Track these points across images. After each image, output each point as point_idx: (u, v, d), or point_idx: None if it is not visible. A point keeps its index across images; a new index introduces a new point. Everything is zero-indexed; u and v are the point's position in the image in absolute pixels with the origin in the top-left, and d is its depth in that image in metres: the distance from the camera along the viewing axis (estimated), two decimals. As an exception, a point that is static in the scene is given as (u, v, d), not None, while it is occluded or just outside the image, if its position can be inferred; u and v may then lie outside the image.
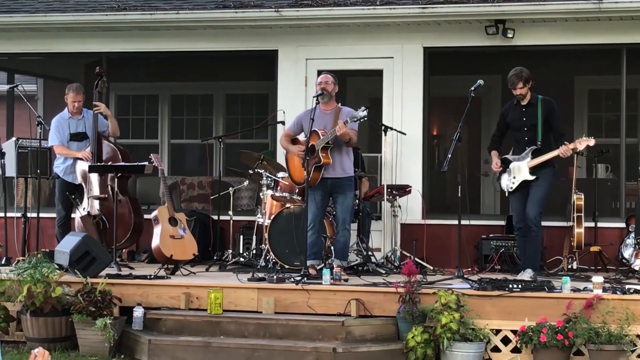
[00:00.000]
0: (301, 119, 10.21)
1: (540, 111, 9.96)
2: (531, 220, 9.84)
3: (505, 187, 10.13)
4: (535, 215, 9.85)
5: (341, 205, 10.04)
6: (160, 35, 12.53)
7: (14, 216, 11.82)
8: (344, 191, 10.04)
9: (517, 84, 9.93)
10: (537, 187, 9.94)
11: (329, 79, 10.08)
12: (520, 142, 10.10)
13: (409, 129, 11.75)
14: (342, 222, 10.03)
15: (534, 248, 10.02)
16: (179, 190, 13.60)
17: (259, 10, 11.88)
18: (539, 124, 9.95)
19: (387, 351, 8.64)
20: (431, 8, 11.38)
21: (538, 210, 9.88)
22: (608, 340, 8.19)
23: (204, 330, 9.02)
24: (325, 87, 10.02)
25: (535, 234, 9.91)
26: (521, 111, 10.08)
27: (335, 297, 9.09)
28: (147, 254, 11.68)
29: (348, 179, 10.10)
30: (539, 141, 9.94)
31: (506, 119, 10.23)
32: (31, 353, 4.48)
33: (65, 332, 9.22)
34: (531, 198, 9.92)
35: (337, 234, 10.08)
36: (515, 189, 10.02)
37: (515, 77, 9.94)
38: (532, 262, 9.99)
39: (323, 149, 9.89)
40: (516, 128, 10.14)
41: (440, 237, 11.61)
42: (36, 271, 9.23)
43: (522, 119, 10.06)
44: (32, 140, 11.52)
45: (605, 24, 11.38)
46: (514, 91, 10.00)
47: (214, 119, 15.66)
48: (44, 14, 12.48)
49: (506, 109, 10.30)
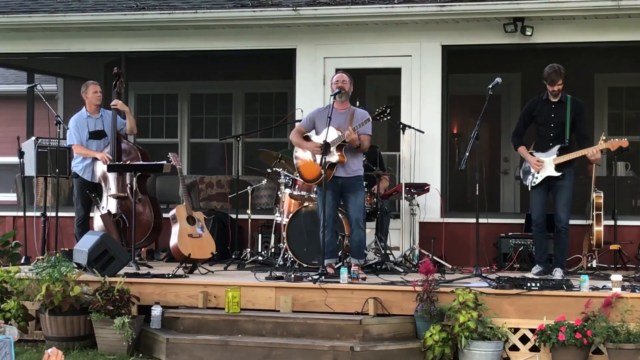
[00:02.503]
0: (315, 117, 10.16)
1: (569, 110, 9.94)
2: (563, 223, 9.93)
3: (528, 181, 10.10)
4: (567, 218, 9.95)
5: (353, 205, 10.01)
6: (179, 34, 12.55)
7: (33, 215, 11.87)
8: (355, 190, 10.01)
9: (557, 80, 9.90)
10: (565, 188, 9.96)
11: (345, 77, 10.06)
12: (545, 138, 10.08)
13: (427, 128, 11.72)
14: (355, 221, 10.00)
15: (563, 248, 10.08)
16: (198, 189, 13.61)
17: (276, 9, 11.88)
18: (567, 122, 9.93)
19: (405, 350, 8.63)
20: (449, 6, 11.35)
21: (569, 213, 9.99)
22: (627, 339, 8.16)
23: (222, 329, 9.04)
24: (343, 86, 10.00)
25: (565, 235, 9.99)
26: (550, 107, 10.05)
27: (352, 295, 9.09)
28: (166, 253, 11.69)
29: (358, 178, 10.08)
30: (567, 139, 9.92)
31: (532, 113, 10.19)
32: (45, 353, 4.50)
33: (83, 331, 9.25)
34: (562, 201, 9.95)
35: (352, 233, 10.05)
36: (538, 184, 10.00)
37: (555, 73, 9.91)
38: (562, 262, 10.03)
39: (338, 148, 9.88)
40: (543, 124, 10.11)
41: (459, 236, 11.57)
42: (55, 270, 9.28)
43: (551, 115, 10.03)
44: (51, 140, 11.55)
45: (625, 21, 11.31)
46: (552, 87, 9.93)
47: (233, 118, 15.68)
48: (63, 13, 12.51)
49: (534, 103, 10.24)
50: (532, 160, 10.06)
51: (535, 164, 10.02)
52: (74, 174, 11.24)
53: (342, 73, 10.17)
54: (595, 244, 10.62)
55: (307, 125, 10.21)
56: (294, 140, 10.28)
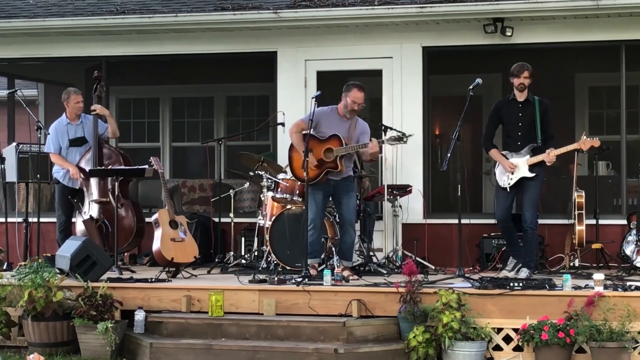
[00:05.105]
0: (320, 118, 9.91)
1: (538, 109, 9.95)
2: (529, 223, 9.93)
3: (503, 183, 10.09)
4: (533, 218, 9.94)
5: (347, 207, 10.02)
6: (160, 38, 12.52)
7: (15, 221, 11.83)
8: (348, 192, 10.03)
9: (522, 72, 9.90)
10: (533, 187, 9.97)
11: (363, 100, 9.93)
12: (514, 138, 10.09)
13: (409, 129, 11.66)
14: (349, 222, 10.02)
15: (531, 248, 10.09)
16: (180, 193, 13.59)
17: (257, 12, 11.88)
18: (538, 121, 9.94)
19: (389, 351, 8.64)
20: (429, 7, 11.38)
21: (535, 212, 10.00)
22: (610, 338, 8.18)
23: (206, 332, 9.02)
24: (359, 109, 9.96)
25: (532, 235, 10.01)
26: (518, 107, 10.06)
27: (336, 297, 9.09)
28: (148, 258, 11.67)
29: (350, 179, 10.12)
30: (539, 140, 9.93)
31: (500, 113, 10.20)
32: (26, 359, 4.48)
33: (66, 336, 9.21)
34: (528, 201, 9.95)
35: (344, 235, 10.06)
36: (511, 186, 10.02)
37: (520, 66, 9.94)
38: (528, 262, 10.02)
39: (340, 157, 9.87)
40: (511, 124, 10.12)
41: (442, 237, 11.59)
42: (37, 276, 9.24)
43: (519, 114, 10.04)
44: (32, 145, 11.51)
45: (604, 21, 11.36)
46: (517, 79, 9.93)
47: (215, 121, 15.67)
48: (43, 18, 12.49)
49: (500, 104, 10.27)
50: (506, 163, 10.04)
51: (510, 166, 10.00)
52: (55, 179, 11.22)
53: (362, 93, 9.93)
54: (577, 243, 10.66)
55: (310, 123, 9.87)
56: (295, 140, 9.99)
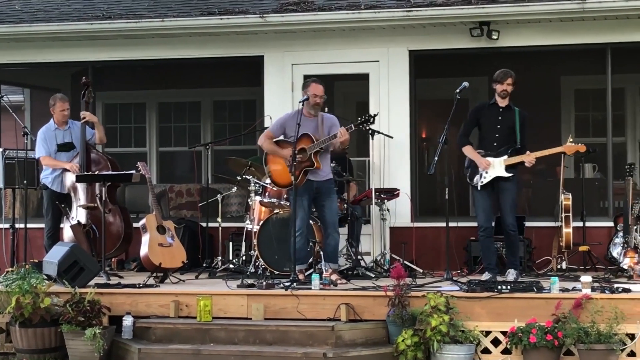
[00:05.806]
0: (285, 123, 10.10)
1: (518, 117, 9.99)
2: (510, 226, 10.01)
3: (475, 181, 10.10)
4: (513, 221, 10.04)
5: (329, 209, 10.02)
6: (146, 43, 12.52)
7: (1, 227, 11.79)
8: (330, 194, 10.05)
9: (506, 79, 9.97)
10: (510, 190, 10.03)
11: (323, 93, 10.02)
12: (489, 142, 10.11)
13: (396, 133, 11.76)
14: (332, 225, 10.01)
15: (515, 249, 10.17)
16: (168, 198, 13.58)
17: (243, 16, 11.88)
18: (517, 126, 9.98)
19: (378, 355, 8.63)
20: (416, 11, 11.40)
21: (514, 215, 10.09)
22: (597, 340, 8.20)
23: (194, 338, 9.00)
24: (321, 102, 9.99)
25: (515, 237, 10.11)
26: (498, 111, 10.10)
27: (324, 302, 9.08)
28: (136, 263, 11.65)
29: (331, 181, 10.15)
30: (518, 144, 9.96)
31: (478, 115, 10.23)
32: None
33: (54, 342, 9.19)
34: (507, 205, 10.01)
35: (328, 237, 10.03)
36: (485, 185, 10.03)
37: (504, 72, 10.01)
38: (514, 263, 10.12)
39: (315, 153, 9.89)
40: (489, 128, 10.15)
41: (430, 240, 11.61)
42: (24, 282, 9.21)
43: (498, 118, 10.09)
44: (19, 151, 11.48)
45: (590, 23, 11.41)
46: (500, 86, 9.99)
47: (202, 126, 15.65)
48: (29, 24, 12.48)
49: (480, 106, 10.33)
50: (481, 160, 10.05)
51: (485, 163, 9.99)
52: (43, 185, 11.19)
53: (321, 86, 10.03)
54: (564, 245, 10.68)
55: (277, 130, 10.15)
56: (268, 148, 10.14)
